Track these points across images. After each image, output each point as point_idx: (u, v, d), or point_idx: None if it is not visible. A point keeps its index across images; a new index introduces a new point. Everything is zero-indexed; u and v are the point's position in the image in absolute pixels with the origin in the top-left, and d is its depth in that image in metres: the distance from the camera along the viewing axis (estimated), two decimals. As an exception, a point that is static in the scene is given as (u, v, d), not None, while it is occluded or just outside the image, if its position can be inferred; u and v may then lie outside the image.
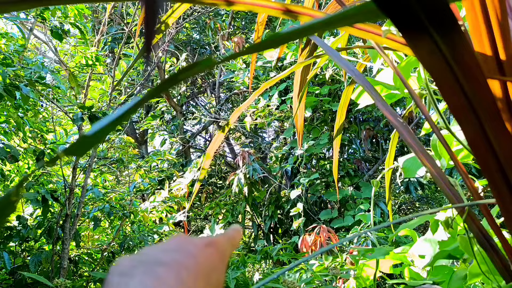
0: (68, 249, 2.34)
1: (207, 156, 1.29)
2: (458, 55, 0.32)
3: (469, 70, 0.34)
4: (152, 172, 4.07)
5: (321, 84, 5.10)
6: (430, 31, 0.30)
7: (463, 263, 1.00)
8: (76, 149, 0.27)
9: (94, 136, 0.27)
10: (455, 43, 0.31)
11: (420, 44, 0.32)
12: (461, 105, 0.38)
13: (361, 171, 5.43)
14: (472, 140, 0.44)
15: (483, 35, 0.51)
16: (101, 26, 2.49)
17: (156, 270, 0.29)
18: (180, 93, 6.10)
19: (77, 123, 2.05)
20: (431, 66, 0.34)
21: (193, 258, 0.31)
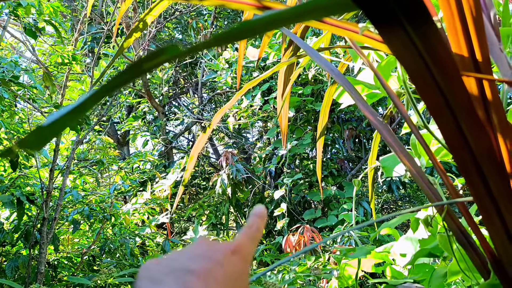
0: (45, 253, 2.27)
1: (191, 158, 1.27)
2: (432, 48, 0.32)
3: (442, 63, 0.34)
4: (134, 174, 4.00)
5: (304, 84, 5.12)
6: (403, 24, 0.29)
7: (443, 261, 1.00)
8: (31, 142, 0.25)
9: (50, 128, 0.25)
10: (428, 35, 0.31)
11: (393, 37, 0.31)
12: (435, 100, 0.37)
13: (344, 171, 5.47)
14: (447, 137, 0.43)
15: (460, 36, 0.51)
16: (79, 24, 2.43)
17: (185, 279, 0.29)
18: (162, 93, 6.04)
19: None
20: (405, 59, 0.34)
21: (221, 267, 0.31)
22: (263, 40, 1.40)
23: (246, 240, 0.36)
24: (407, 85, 0.88)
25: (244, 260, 0.34)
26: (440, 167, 0.76)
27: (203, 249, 0.33)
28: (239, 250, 0.34)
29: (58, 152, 2.42)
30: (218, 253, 0.32)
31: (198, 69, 6.74)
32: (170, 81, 6.46)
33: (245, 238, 0.36)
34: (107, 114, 5.26)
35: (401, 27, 0.30)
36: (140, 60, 0.28)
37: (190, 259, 0.31)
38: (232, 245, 0.34)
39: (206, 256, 0.32)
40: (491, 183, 0.44)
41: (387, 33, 0.31)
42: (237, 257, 0.33)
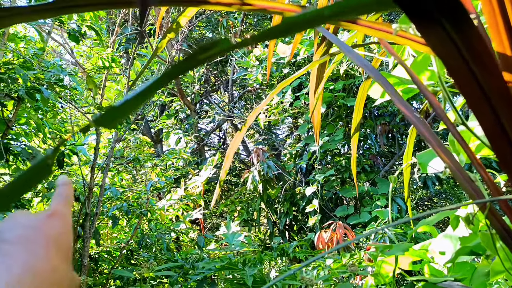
0: (88, 247, 2.39)
1: (227, 157, 1.30)
2: (469, 43, 0.33)
3: (480, 58, 0.34)
4: (168, 171, 4.10)
5: (335, 79, 5.06)
6: (440, 19, 0.30)
7: (485, 259, 0.98)
8: (105, 120, 0.28)
9: (122, 107, 0.28)
10: (465, 30, 0.32)
11: (432, 34, 0.32)
12: (475, 95, 0.37)
13: (377, 167, 5.38)
14: (488, 132, 0.43)
15: (502, 34, 0.50)
16: (116, 27, 2.52)
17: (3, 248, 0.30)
18: (194, 91, 6.14)
19: (95, 123, 2.07)
20: (444, 56, 0.35)
21: (38, 231, 0.33)
22: (296, 37, 1.40)
23: (59, 204, 0.38)
24: (443, 82, 0.87)
25: (62, 220, 0.36)
26: (479, 164, 0.74)
27: (18, 221, 0.34)
28: (54, 213, 0.36)
29: (98, 150, 2.53)
30: (34, 220, 0.34)
31: (228, 66, 6.80)
32: (202, 80, 6.55)
33: (58, 202, 0.39)
34: (142, 113, 5.42)
35: (440, 25, 0.30)
36: (195, 52, 0.30)
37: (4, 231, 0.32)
38: (47, 211, 0.36)
39: (20, 224, 0.33)
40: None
41: (426, 30, 0.32)
42: (55, 219, 0.35)
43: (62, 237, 0.35)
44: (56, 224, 0.35)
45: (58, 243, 0.33)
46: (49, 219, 0.35)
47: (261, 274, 2.03)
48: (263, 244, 5.91)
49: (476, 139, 1.05)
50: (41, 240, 0.32)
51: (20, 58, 1.97)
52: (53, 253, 0.32)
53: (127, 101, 0.30)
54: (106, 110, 0.28)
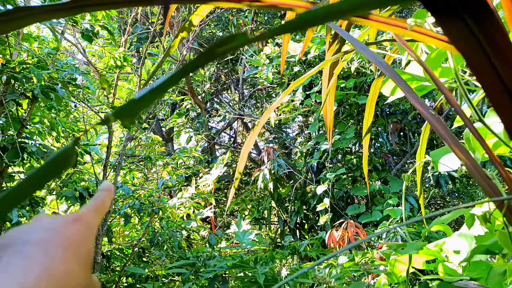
0: (101, 245, 2.41)
1: (241, 157, 1.30)
2: (490, 37, 0.32)
3: (501, 51, 0.34)
4: (179, 169, 4.12)
5: (346, 77, 5.02)
6: (462, 14, 0.30)
7: (501, 258, 0.96)
8: (125, 113, 0.28)
9: (141, 100, 0.28)
10: (486, 25, 0.31)
11: (453, 28, 0.32)
12: (496, 90, 0.37)
13: (389, 165, 5.33)
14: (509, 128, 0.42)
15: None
16: (127, 26, 2.54)
17: (23, 250, 0.30)
18: (205, 90, 6.16)
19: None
20: (465, 51, 0.34)
21: (60, 234, 0.33)
22: (307, 34, 1.39)
23: (89, 210, 0.38)
24: (459, 78, 0.85)
25: (86, 227, 0.35)
26: (497, 161, 0.73)
27: (41, 223, 0.34)
28: (80, 218, 0.35)
29: (110, 149, 2.55)
30: (56, 223, 0.34)
31: (239, 65, 6.80)
32: (212, 78, 6.57)
33: (89, 208, 0.38)
34: (153, 112, 5.46)
35: (460, 18, 0.30)
36: (212, 45, 0.30)
37: (27, 232, 0.32)
38: (74, 215, 0.36)
39: (43, 228, 0.33)
40: None
41: (446, 23, 0.32)
42: (79, 224, 0.35)
43: (83, 242, 0.34)
44: (79, 229, 0.35)
45: (78, 248, 0.33)
46: (73, 223, 0.35)
47: (273, 272, 2.03)
48: (274, 242, 5.91)
49: (491, 137, 1.03)
50: (61, 243, 0.32)
51: (34, 57, 2.00)
52: (71, 258, 0.32)
53: (146, 94, 0.30)
54: (126, 103, 0.29)
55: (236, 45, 0.30)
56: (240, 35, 0.30)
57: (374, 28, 0.67)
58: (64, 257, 0.31)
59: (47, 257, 0.30)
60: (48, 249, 0.31)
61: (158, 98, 0.32)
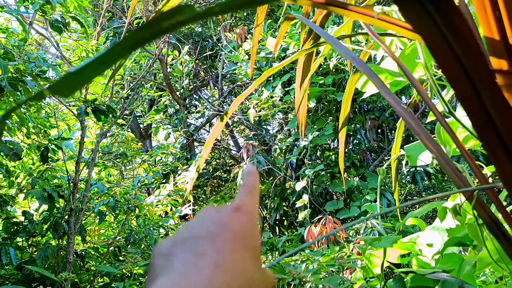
0: (73, 244, 2.34)
1: (206, 145, 1.28)
2: (449, 21, 0.31)
3: (460, 35, 0.33)
4: (157, 166, 4.06)
5: (325, 74, 5.05)
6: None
7: (473, 250, 0.98)
8: (62, 87, 0.25)
9: (78, 74, 0.25)
10: (445, 9, 0.31)
11: (412, 12, 0.31)
12: (459, 78, 0.36)
13: (367, 162, 5.40)
14: (474, 119, 0.42)
15: (490, 19, 0.49)
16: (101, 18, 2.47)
17: (194, 245, 0.30)
18: (183, 86, 6.08)
19: (81, 117, 2.04)
20: (425, 34, 0.33)
21: (225, 227, 0.32)
22: (281, 29, 1.38)
23: (245, 197, 0.37)
24: (430, 72, 0.85)
25: (248, 214, 0.34)
26: (468, 154, 0.73)
27: (207, 216, 0.33)
28: (240, 207, 0.34)
29: (83, 144, 2.48)
30: (221, 215, 0.33)
31: (218, 61, 6.75)
32: (191, 74, 6.50)
33: (244, 195, 0.37)
34: (130, 108, 5.35)
35: (419, 2, 0.29)
36: (158, 18, 0.28)
37: (196, 227, 0.32)
38: (233, 205, 0.35)
39: (210, 221, 0.32)
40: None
41: (406, 9, 0.31)
42: (241, 213, 0.34)
43: (249, 233, 0.33)
44: (243, 220, 0.33)
45: (246, 240, 0.32)
46: (235, 214, 0.34)
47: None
48: (253, 239, 5.90)
49: (462, 132, 1.04)
50: (229, 237, 0.31)
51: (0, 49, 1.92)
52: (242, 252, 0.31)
53: (84, 66, 0.28)
54: (62, 77, 0.26)
55: (183, 19, 0.28)
56: (187, 7, 0.28)
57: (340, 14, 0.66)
58: (235, 252, 0.30)
59: (216, 252, 0.29)
60: (216, 243, 0.30)
61: (99, 71, 0.29)
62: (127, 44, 0.29)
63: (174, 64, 6.00)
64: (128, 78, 4.89)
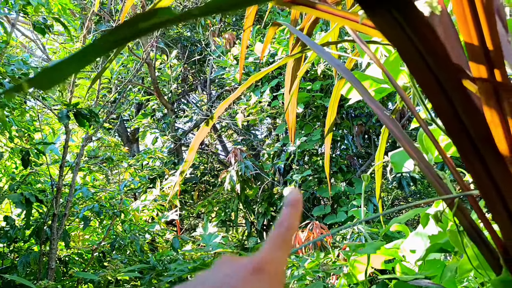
0: (56, 250, 2.30)
1: (191, 149, 1.27)
2: (416, 28, 0.32)
3: (429, 45, 0.34)
4: (143, 171, 4.02)
5: (313, 79, 5.08)
6: (389, 7, 0.29)
7: (455, 256, 0.98)
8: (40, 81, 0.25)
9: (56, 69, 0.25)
10: (411, 16, 0.31)
11: (381, 20, 0.31)
12: (426, 78, 0.37)
13: (354, 167, 5.43)
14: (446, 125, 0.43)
15: (470, 25, 0.50)
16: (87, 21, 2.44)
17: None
18: (171, 90, 6.05)
19: (63, 121, 2.01)
20: (395, 42, 0.34)
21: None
22: (267, 35, 1.39)
23: (272, 251, 0.29)
24: (413, 79, 0.86)
25: (269, 279, 0.27)
26: (449, 161, 0.74)
27: (220, 274, 0.27)
28: (262, 267, 0.27)
29: (67, 148, 2.44)
30: (235, 276, 0.27)
31: (206, 66, 6.74)
32: (179, 79, 6.48)
33: (272, 247, 0.29)
34: (117, 112, 5.30)
35: (388, 11, 0.29)
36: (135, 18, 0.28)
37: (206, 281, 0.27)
38: (254, 261, 0.28)
39: (221, 282, 0.27)
40: (493, 171, 0.43)
41: (376, 18, 0.31)
42: (260, 277, 0.27)
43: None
44: (262, 285, 0.27)
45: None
46: (253, 275, 0.27)
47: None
48: (241, 244, 5.88)
49: (445, 140, 1.06)
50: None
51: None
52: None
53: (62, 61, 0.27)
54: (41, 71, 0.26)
55: (160, 20, 0.28)
56: (164, 9, 0.28)
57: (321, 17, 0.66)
58: None
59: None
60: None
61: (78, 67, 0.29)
62: (105, 42, 0.29)
63: (162, 68, 5.97)
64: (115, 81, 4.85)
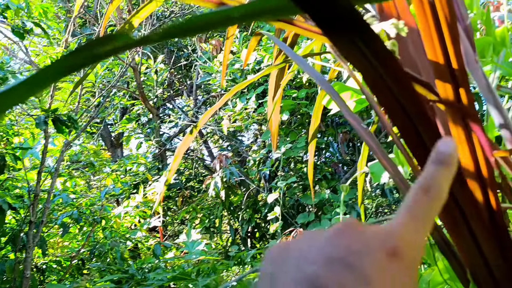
0: (31, 257, 2.25)
1: (175, 158, 1.27)
2: (376, 53, 0.32)
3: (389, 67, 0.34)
4: (126, 176, 3.97)
5: (298, 87, 5.12)
6: (350, 34, 0.29)
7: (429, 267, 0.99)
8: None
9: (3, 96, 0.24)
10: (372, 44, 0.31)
11: (343, 46, 0.32)
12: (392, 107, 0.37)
13: (338, 174, 5.46)
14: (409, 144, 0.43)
15: (436, 44, 0.51)
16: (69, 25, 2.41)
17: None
18: (157, 95, 6.02)
19: (40, 127, 1.97)
20: (358, 67, 0.34)
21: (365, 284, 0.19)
22: (250, 44, 1.39)
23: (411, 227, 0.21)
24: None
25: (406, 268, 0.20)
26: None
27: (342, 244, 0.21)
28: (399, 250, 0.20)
29: (46, 154, 2.40)
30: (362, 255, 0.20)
31: (193, 71, 6.73)
32: (165, 83, 6.44)
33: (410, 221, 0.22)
34: (101, 116, 5.24)
35: (349, 37, 0.30)
36: (91, 43, 0.27)
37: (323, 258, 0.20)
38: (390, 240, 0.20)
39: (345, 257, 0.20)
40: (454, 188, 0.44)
41: (338, 44, 0.31)
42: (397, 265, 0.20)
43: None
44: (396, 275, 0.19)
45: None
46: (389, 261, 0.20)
47: (217, 283, 1.99)
48: (225, 252, 5.85)
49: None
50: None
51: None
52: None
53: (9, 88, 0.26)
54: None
55: (119, 45, 0.28)
56: (122, 35, 0.28)
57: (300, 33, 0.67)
58: None
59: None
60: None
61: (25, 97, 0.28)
62: (58, 68, 0.28)
63: (148, 73, 5.94)
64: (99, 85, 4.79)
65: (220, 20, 0.29)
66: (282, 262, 0.21)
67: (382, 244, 0.20)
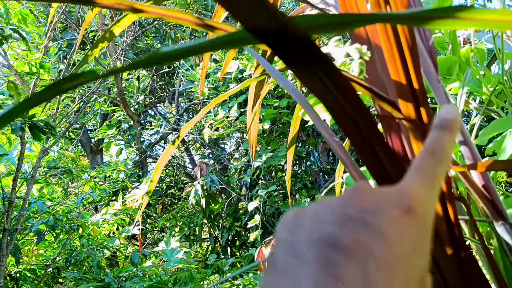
0: (4, 266, 2.19)
1: (156, 168, 1.28)
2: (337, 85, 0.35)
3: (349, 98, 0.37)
4: (106, 183, 3.92)
5: (280, 97, 5.18)
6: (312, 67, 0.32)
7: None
8: None
9: None
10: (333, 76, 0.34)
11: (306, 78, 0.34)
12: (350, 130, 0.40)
13: (319, 183, 5.53)
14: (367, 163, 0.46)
15: (398, 65, 0.55)
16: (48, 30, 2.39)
17: (330, 258, 0.19)
18: (138, 102, 5.98)
19: (16, 133, 1.94)
20: (320, 97, 0.37)
21: (382, 240, 0.19)
22: (228, 56, 1.42)
23: (422, 186, 0.22)
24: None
25: (419, 224, 0.21)
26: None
27: (357, 204, 0.21)
28: (413, 206, 0.21)
29: (22, 161, 2.36)
30: (378, 213, 0.20)
31: (175, 79, 6.72)
32: (147, 90, 6.41)
33: (421, 181, 0.22)
34: (80, 122, 5.17)
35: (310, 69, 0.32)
36: (59, 81, 0.30)
37: (338, 218, 0.21)
38: (404, 198, 0.21)
39: (361, 216, 0.20)
40: None
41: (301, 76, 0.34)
42: (411, 220, 0.21)
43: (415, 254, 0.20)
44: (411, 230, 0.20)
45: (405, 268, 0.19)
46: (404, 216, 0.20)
47: (194, 292, 1.98)
48: (205, 260, 5.81)
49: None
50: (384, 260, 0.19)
51: None
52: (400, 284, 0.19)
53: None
54: None
55: (85, 80, 0.30)
56: (89, 72, 0.31)
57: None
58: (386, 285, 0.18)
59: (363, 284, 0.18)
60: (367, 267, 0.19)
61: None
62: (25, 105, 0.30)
63: (130, 79, 5.90)
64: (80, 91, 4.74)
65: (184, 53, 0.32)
66: (297, 226, 0.22)
67: (397, 203, 0.21)
